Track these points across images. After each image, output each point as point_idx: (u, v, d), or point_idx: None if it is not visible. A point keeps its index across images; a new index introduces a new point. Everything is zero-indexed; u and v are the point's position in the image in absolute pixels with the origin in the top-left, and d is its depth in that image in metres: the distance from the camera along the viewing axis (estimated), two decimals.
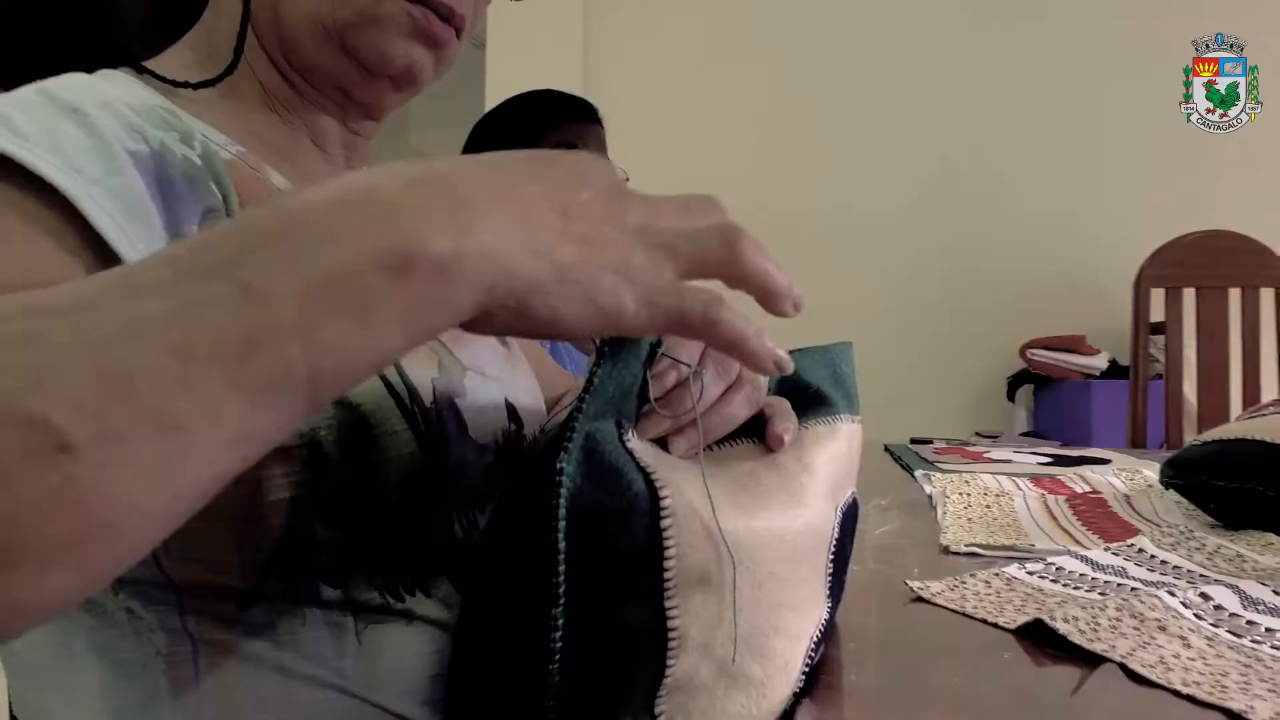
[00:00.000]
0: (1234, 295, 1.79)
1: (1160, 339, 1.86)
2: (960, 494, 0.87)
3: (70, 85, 0.43)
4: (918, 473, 1.02)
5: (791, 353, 0.51)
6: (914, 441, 1.46)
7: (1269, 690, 0.39)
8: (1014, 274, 2.63)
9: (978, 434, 2.51)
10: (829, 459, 0.43)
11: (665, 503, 0.35)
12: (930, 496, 0.88)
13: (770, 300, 0.33)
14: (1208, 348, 1.79)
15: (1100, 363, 2.35)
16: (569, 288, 0.29)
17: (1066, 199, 2.61)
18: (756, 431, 0.42)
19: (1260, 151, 2.50)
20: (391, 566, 0.46)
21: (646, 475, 0.35)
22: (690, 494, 0.36)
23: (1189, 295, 1.81)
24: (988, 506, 0.82)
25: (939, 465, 1.11)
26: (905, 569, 0.60)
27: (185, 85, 0.50)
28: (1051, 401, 2.49)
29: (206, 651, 0.42)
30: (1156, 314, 1.83)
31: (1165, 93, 2.40)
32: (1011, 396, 2.60)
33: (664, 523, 0.35)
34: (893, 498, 0.89)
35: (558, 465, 0.34)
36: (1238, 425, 0.75)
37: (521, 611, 0.36)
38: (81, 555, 0.23)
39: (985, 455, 1.23)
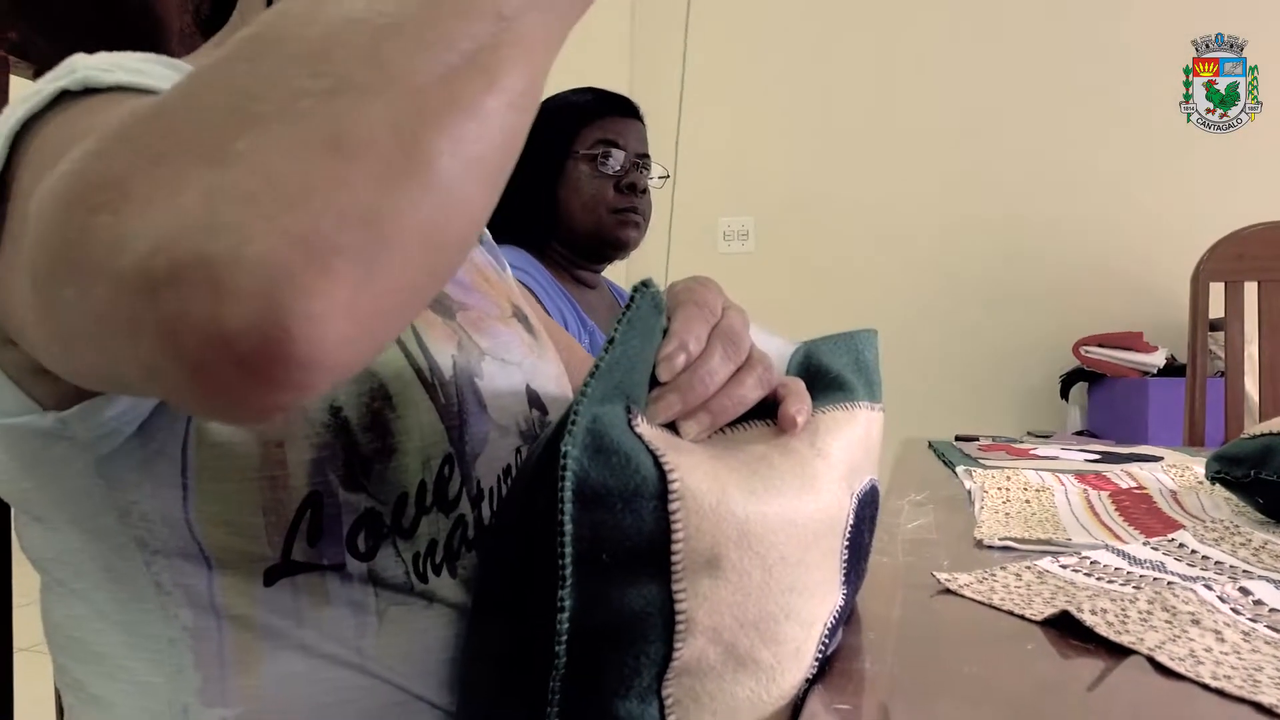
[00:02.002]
0: None
1: (1220, 335, 1.80)
2: (999, 489, 0.85)
3: (108, 56, 0.43)
4: (958, 468, 1.00)
5: (815, 340, 0.50)
6: (959, 438, 1.43)
7: None
8: (1068, 270, 2.57)
9: (1030, 433, 2.46)
10: (845, 445, 0.43)
11: (674, 486, 0.35)
12: (969, 492, 0.87)
13: None
14: (1270, 343, 1.73)
15: (1157, 360, 2.28)
16: None
17: (1121, 192, 2.54)
18: (770, 413, 0.42)
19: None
20: (419, 539, 0.47)
21: (656, 458, 0.35)
22: (699, 478, 0.36)
23: (1250, 289, 1.75)
24: (1027, 501, 0.80)
25: (981, 461, 1.09)
26: (935, 561, 0.59)
27: None
28: (1106, 400, 2.42)
29: (231, 628, 0.43)
30: (1216, 309, 1.77)
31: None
32: (1065, 395, 2.53)
33: (672, 506, 0.35)
34: (929, 493, 0.87)
35: (562, 449, 0.34)
36: None
37: (529, 593, 0.37)
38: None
39: (1031, 452, 1.20)
